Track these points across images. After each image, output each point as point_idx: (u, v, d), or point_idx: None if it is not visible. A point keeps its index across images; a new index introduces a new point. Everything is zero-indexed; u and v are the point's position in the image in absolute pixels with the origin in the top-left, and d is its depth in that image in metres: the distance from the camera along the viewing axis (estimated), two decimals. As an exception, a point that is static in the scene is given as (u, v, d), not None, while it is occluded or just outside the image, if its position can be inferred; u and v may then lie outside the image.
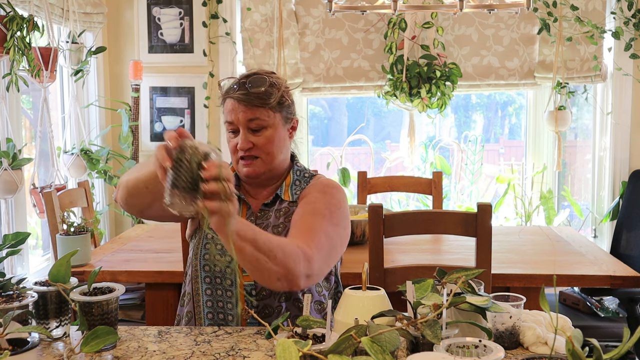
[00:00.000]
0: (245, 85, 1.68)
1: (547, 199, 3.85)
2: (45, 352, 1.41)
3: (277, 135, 1.71)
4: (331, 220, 1.65)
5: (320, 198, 1.70)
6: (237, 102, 1.67)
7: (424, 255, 2.75)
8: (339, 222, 1.67)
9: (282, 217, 1.73)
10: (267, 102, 1.67)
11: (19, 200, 3.00)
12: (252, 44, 3.84)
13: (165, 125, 3.95)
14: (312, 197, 1.71)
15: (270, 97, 1.68)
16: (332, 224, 1.64)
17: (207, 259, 1.71)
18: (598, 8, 3.70)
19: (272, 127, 1.69)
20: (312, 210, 1.65)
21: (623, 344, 0.98)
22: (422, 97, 3.73)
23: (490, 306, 1.26)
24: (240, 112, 1.67)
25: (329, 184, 1.77)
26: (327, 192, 1.72)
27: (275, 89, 1.69)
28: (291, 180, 1.78)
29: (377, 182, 3.47)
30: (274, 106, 1.69)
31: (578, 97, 3.91)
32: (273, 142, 1.70)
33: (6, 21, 2.72)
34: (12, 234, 1.58)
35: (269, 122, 1.68)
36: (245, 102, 1.66)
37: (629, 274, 2.41)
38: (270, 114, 1.68)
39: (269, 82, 1.69)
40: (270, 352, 1.39)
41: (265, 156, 1.70)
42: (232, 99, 1.68)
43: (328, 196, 1.71)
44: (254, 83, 1.68)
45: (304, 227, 1.60)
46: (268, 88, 1.68)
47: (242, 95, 1.66)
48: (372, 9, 2.71)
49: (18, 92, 2.90)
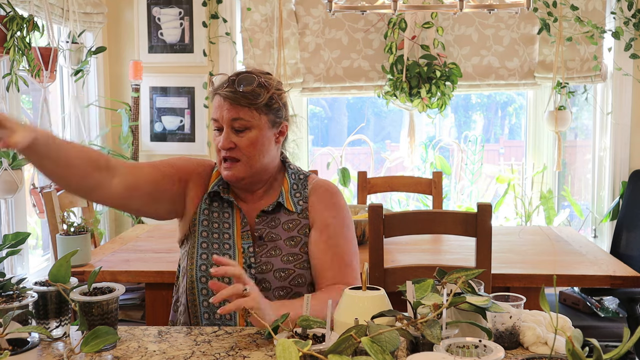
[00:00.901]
0: (234, 83, 1.64)
1: (547, 199, 3.85)
2: (45, 352, 1.41)
3: (261, 138, 1.64)
4: (350, 236, 1.71)
5: (332, 217, 1.70)
6: (223, 100, 1.63)
7: (424, 255, 2.75)
8: (353, 232, 1.74)
9: (295, 229, 1.69)
10: (254, 102, 1.62)
11: (19, 200, 3.00)
12: (252, 44, 3.84)
13: (165, 125, 3.95)
14: (324, 218, 1.69)
15: (257, 97, 1.62)
16: (352, 239, 1.71)
17: (203, 270, 1.66)
18: (598, 8, 3.70)
19: (257, 128, 1.63)
20: (334, 237, 1.67)
21: (623, 344, 0.98)
22: (422, 97, 3.73)
23: (490, 306, 1.26)
24: (225, 109, 1.62)
25: (329, 190, 1.75)
26: (334, 204, 1.73)
27: (265, 89, 1.64)
28: (289, 186, 1.74)
29: (377, 182, 3.47)
30: (260, 107, 1.63)
31: (578, 97, 3.91)
32: (256, 145, 1.64)
33: (6, 21, 2.72)
34: (12, 234, 1.58)
35: (253, 123, 1.63)
36: (231, 100, 1.62)
37: (629, 274, 2.41)
38: (255, 115, 1.63)
39: (257, 81, 1.64)
40: (270, 352, 1.39)
41: (246, 159, 1.64)
42: (219, 96, 1.64)
43: (337, 209, 1.72)
44: (243, 81, 1.63)
45: (335, 265, 1.64)
46: (256, 88, 1.63)
47: (229, 92, 1.62)
48: (372, 9, 2.71)
49: (18, 92, 2.90)
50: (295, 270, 1.66)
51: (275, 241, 1.68)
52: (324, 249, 1.66)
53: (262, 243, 1.68)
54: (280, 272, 1.65)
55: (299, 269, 1.66)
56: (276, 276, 1.65)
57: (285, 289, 1.65)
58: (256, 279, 1.64)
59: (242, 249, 1.67)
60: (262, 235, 1.68)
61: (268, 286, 1.65)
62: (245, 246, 1.67)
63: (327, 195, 1.74)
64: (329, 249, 1.66)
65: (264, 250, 1.67)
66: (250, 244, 1.68)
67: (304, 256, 1.68)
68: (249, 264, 1.66)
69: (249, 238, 1.68)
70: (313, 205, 1.71)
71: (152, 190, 1.67)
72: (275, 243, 1.68)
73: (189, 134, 3.94)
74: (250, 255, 1.67)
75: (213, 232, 1.70)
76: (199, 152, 3.90)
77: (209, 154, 3.88)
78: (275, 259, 1.66)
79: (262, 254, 1.67)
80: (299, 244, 1.68)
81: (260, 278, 1.65)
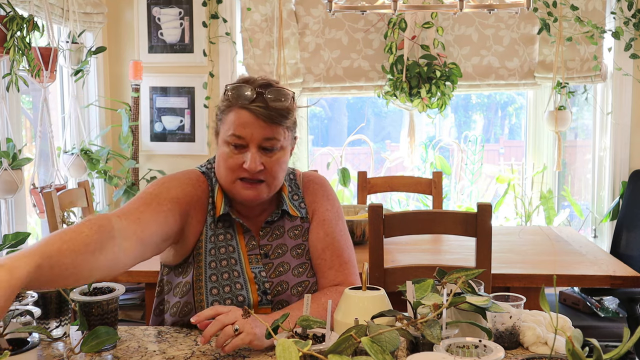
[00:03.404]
0: (264, 96, 1.48)
1: (547, 199, 3.85)
2: (45, 352, 1.41)
3: (286, 157, 1.55)
4: (344, 228, 1.68)
5: (327, 210, 1.67)
6: (254, 116, 1.46)
7: (424, 255, 2.75)
8: (345, 222, 1.71)
9: (300, 237, 1.63)
10: (286, 121, 1.50)
11: (19, 200, 3.00)
12: (252, 44, 3.84)
13: (165, 125, 3.95)
14: (321, 212, 1.66)
15: (289, 114, 1.50)
16: (345, 231, 1.68)
17: (213, 267, 1.56)
18: (598, 8, 3.70)
19: (284, 149, 1.52)
20: (330, 234, 1.63)
21: (623, 344, 0.98)
22: (422, 97, 3.73)
23: (490, 306, 1.26)
24: (256, 128, 1.46)
25: (319, 182, 1.71)
26: (327, 195, 1.70)
27: (294, 104, 1.52)
28: (287, 190, 1.66)
29: (377, 182, 3.47)
30: (290, 126, 1.52)
31: (578, 97, 3.91)
32: (282, 165, 1.53)
33: (6, 21, 2.72)
34: (12, 234, 1.57)
35: (284, 143, 1.51)
36: (265, 118, 1.46)
37: (629, 274, 2.41)
38: (286, 134, 1.51)
39: (291, 96, 1.50)
40: (271, 352, 1.39)
41: (271, 180, 1.53)
42: (247, 111, 1.47)
43: (331, 201, 1.69)
44: (275, 96, 1.48)
45: (336, 263, 1.61)
46: (290, 104, 1.49)
47: (261, 108, 1.46)
48: (372, 9, 2.71)
49: (18, 92, 2.90)
50: (309, 280, 1.62)
51: (282, 256, 1.61)
52: (323, 247, 1.63)
53: (268, 261, 1.60)
54: (297, 287, 1.60)
55: (311, 277, 1.62)
56: (293, 293, 1.59)
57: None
58: (272, 302, 1.58)
59: (254, 274, 1.57)
60: (267, 252, 1.61)
61: (286, 305, 1.58)
62: (256, 271, 1.58)
63: (318, 188, 1.69)
64: (327, 247, 1.63)
65: (272, 269, 1.60)
66: (260, 268, 1.58)
67: (310, 263, 1.64)
68: (264, 290, 1.57)
69: (258, 262, 1.59)
70: (310, 204, 1.67)
71: (162, 238, 1.49)
72: (281, 259, 1.61)
73: (189, 134, 3.94)
74: (264, 280, 1.58)
75: (221, 259, 1.57)
76: (199, 152, 3.90)
77: (208, 153, 3.88)
78: (287, 275, 1.60)
79: (272, 274, 1.59)
80: (305, 252, 1.63)
81: (277, 300, 1.58)
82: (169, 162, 3.93)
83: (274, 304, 1.58)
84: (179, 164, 3.84)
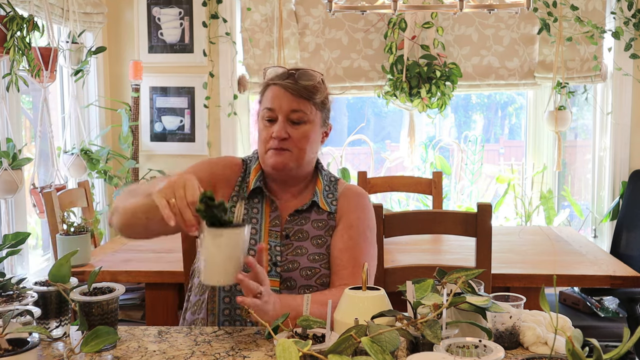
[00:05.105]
0: (294, 75, 1.67)
1: (547, 199, 3.85)
2: (45, 352, 1.41)
3: (313, 133, 1.69)
4: (371, 239, 1.72)
5: (357, 218, 1.71)
6: (283, 90, 1.65)
7: (424, 255, 2.75)
8: (374, 235, 1.75)
9: (323, 229, 1.70)
10: (313, 97, 1.67)
11: (19, 200, 3.00)
12: (252, 44, 3.84)
13: (165, 125, 3.95)
14: (350, 219, 1.71)
15: (317, 92, 1.67)
16: (373, 242, 1.72)
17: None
18: (598, 8, 3.70)
19: (311, 123, 1.68)
20: (355, 238, 1.68)
21: (623, 344, 0.98)
22: (422, 97, 3.73)
23: (490, 306, 1.26)
24: (284, 100, 1.65)
25: (358, 192, 1.78)
26: (361, 205, 1.75)
27: (323, 87, 1.70)
28: (322, 186, 1.76)
29: (377, 182, 3.47)
30: (317, 103, 1.68)
31: (578, 97, 3.91)
32: (308, 138, 1.68)
33: (6, 21, 2.72)
34: (12, 234, 1.57)
35: (310, 117, 1.67)
36: (292, 91, 1.65)
37: (629, 274, 2.41)
38: (312, 110, 1.67)
39: (320, 78, 1.69)
40: (271, 352, 1.39)
41: (297, 151, 1.67)
42: (278, 86, 1.66)
43: (364, 211, 1.74)
44: (304, 76, 1.67)
45: (350, 265, 1.64)
46: (317, 84, 1.67)
47: (290, 84, 1.65)
48: (372, 9, 2.71)
49: (18, 92, 2.90)
50: (321, 269, 1.67)
51: (302, 241, 1.68)
52: (343, 248, 1.67)
53: (288, 242, 1.68)
54: (307, 270, 1.66)
55: (325, 268, 1.67)
56: (302, 274, 1.65)
57: (311, 287, 1.65)
58: (281, 276, 1.65)
59: (269, 245, 1.67)
60: (289, 234, 1.69)
61: (293, 284, 1.65)
62: (272, 244, 1.67)
63: (355, 197, 1.76)
64: (347, 249, 1.67)
65: (290, 249, 1.67)
66: (277, 243, 1.67)
67: (329, 257, 1.69)
68: (275, 261, 1.66)
69: (277, 238, 1.68)
70: (342, 207, 1.74)
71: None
72: (301, 243, 1.68)
73: (189, 134, 3.94)
74: (277, 253, 1.66)
75: None
76: (199, 152, 3.90)
77: (208, 153, 3.88)
78: (301, 257, 1.66)
79: (287, 253, 1.67)
80: (325, 245, 1.69)
81: (285, 276, 1.65)
82: (169, 162, 3.93)
83: (283, 279, 1.64)
84: (179, 164, 3.84)
